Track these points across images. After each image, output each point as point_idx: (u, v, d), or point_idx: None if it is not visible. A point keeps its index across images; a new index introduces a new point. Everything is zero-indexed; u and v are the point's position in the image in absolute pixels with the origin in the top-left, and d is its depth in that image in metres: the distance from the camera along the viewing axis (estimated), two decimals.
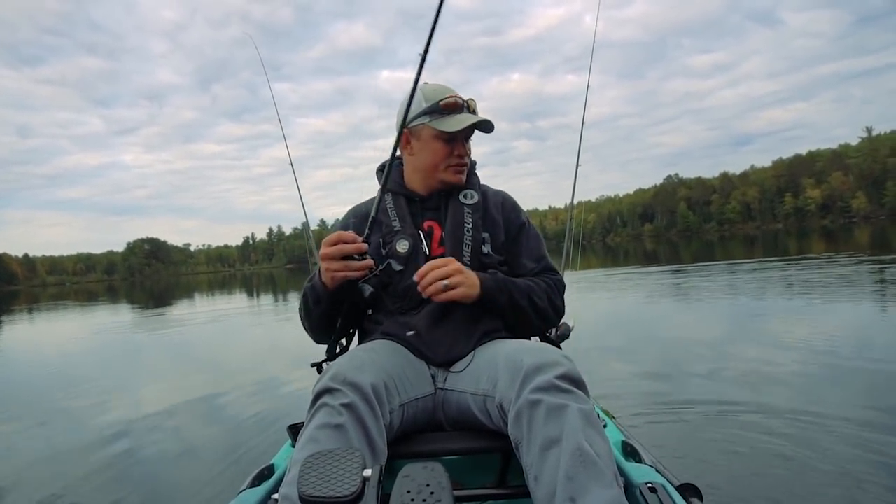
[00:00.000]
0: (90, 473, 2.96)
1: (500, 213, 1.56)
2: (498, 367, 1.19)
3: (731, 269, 14.49)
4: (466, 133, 1.51)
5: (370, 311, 1.53)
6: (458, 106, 1.47)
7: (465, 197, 1.54)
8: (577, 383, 1.07)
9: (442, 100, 1.47)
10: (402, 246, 1.44)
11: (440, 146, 1.48)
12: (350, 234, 1.31)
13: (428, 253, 1.45)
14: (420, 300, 1.40)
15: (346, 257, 1.29)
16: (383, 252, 1.46)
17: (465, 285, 1.33)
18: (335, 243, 1.29)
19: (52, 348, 9.78)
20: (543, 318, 1.46)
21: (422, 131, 1.50)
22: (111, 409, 4.40)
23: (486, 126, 1.49)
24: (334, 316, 1.44)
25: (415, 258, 1.42)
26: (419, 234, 1.46)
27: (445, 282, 1.30)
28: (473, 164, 1.63)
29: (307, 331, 1.52)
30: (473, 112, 1.51)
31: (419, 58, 1.32)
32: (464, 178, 1.54)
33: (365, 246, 1.30)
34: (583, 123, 2.28)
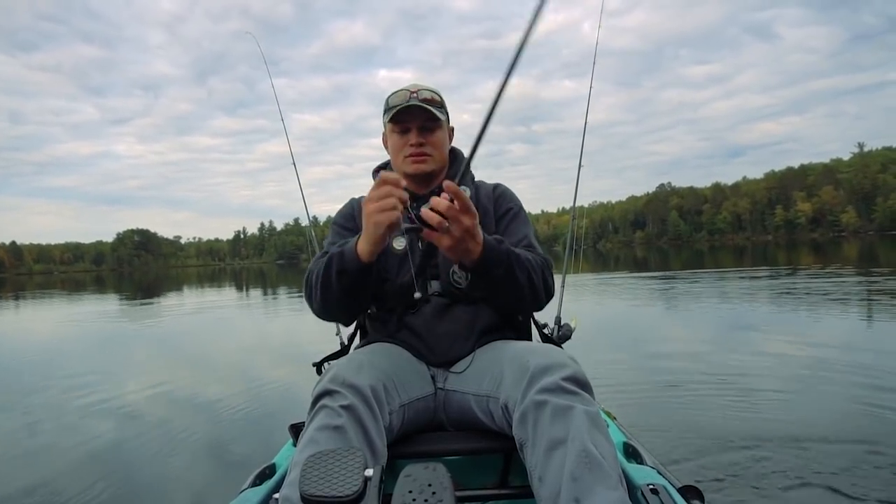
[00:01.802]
0: (86, 472, 2.89)
1: (491, 202, 1.56)
2: (503, 368, 1.19)
3: (719, 276, 14.64)
4: (419, 123, 1.47)
5: (368, 311, 1.53)
6: (403, 98, 1.47)
7: None
8: (583, 385, 1.07)
9: (391, 95, 1.51)
10: (399, 243, 1.42)
11: (396, 138, 1.51)
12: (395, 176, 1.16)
13: (423, 249, 1.43)
14: (417, 298, 1.38)
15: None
16: None
17: (466, 242, 1.17)
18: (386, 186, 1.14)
19: (42, 340, 9.68)
20: (534, 297, 1.35)
21: (386, 130, 1.55)
22: (105, 406, 4.29)
23: (420, 112, 1.44)
24: (356, 293, 1.30)
25: (411, 255, 1.40)
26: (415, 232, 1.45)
27: (447, 225, 1.12)
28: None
29: (318, 306, 1.36)
30: (421, 101, 1.46)
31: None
32: (424, 167, 1.49)
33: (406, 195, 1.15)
34: (585, 125, 2.28)
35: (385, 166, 1.64)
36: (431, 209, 1.11)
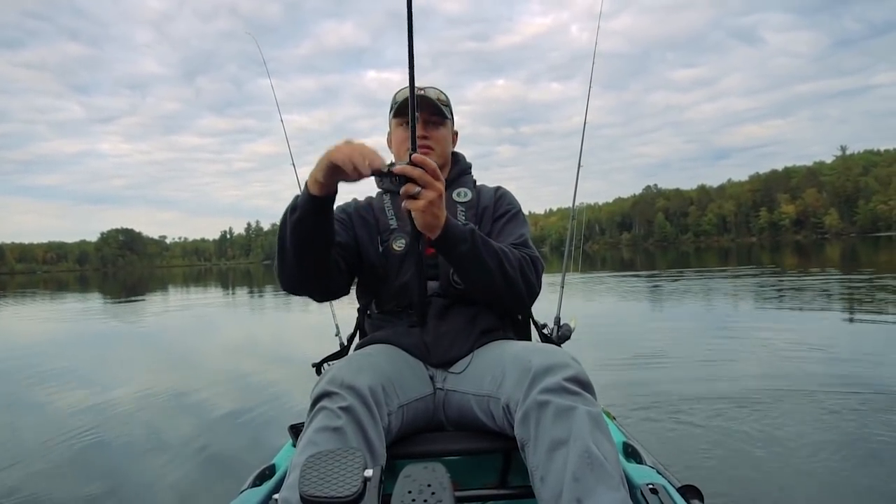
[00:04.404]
0: (79, 476, 2.83)
1: (491, 202, 1.56)
2: (504, 369, 1.18)
3: (704, 275, 14.79)
4: (424, 116, 1.49)
5: (368, 312, 1.53)
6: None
7: (458, 195, 1.55)
8: (586, 386, 1.06)
9: (398, 91, 1.53)
10: (399, 244, 1.43)
11: (400, 132, 1.53)
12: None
13: (424, 251, 1.41)
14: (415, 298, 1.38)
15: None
16: (380, 250, 1.45)
17: (432, 209, 1.16)
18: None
19: (29, 339, 9.51)
20: (511, 288, 1.32)
21: (391, 127, 1.58)
22: (98, 408, 4.16)
23: (427, 102, 1.48)
24: (308, 238, 1.22)
25: (411, 256, 1.41)
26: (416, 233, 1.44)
27: (419, 189, 1.13)
28: (469, 165, 1.66)
29: (277, 265, 1.30)
30: (428, 98, 1.51)
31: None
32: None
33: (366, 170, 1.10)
34: (585, 124, 2.28)
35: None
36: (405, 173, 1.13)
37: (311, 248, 1.24)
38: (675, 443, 2.80)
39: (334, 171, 1.13)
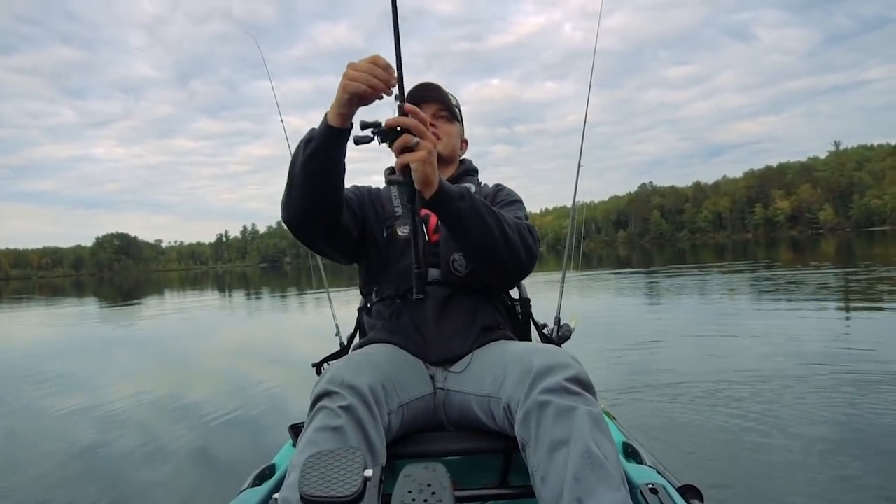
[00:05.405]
0: (81, 478, 2.82)
1: (492, 193, 1.59)
2: (505, 369, 1.18)
3: (701, 271, 14.84)
4: (433, 110, 1.56)
5: (368, 305, 1.53)
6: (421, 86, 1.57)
7: None
8: (586, 386, 1.06)
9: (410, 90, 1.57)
10: (403, 230, 1.46)
11: None
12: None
13: (427, 238, 1.44)
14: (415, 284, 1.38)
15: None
16: (385, 234, 1.48)
17: (431, 160, 1.15)
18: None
19: (33, 345, 9.49)
20: (511, 250, 1.28)
21: None
22: (98, 410, 4.16)
23: (429, 91, 1.56)
24: (320, 170, 1.21)
25: (414, 242, 1.41)
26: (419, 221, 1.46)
27: (417, 140, 1.12)
28: (475, 169, 1.71)
29: (285, 196, 1.27)
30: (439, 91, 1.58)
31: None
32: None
33: (392, 80, 1.13)
34: (585, 124, 2.29)
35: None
36: (398, 125, 1.12)
37: (324, 181, 1.23)
38: (671, 437, 2.81)
39: (354, 101, 1.15)
